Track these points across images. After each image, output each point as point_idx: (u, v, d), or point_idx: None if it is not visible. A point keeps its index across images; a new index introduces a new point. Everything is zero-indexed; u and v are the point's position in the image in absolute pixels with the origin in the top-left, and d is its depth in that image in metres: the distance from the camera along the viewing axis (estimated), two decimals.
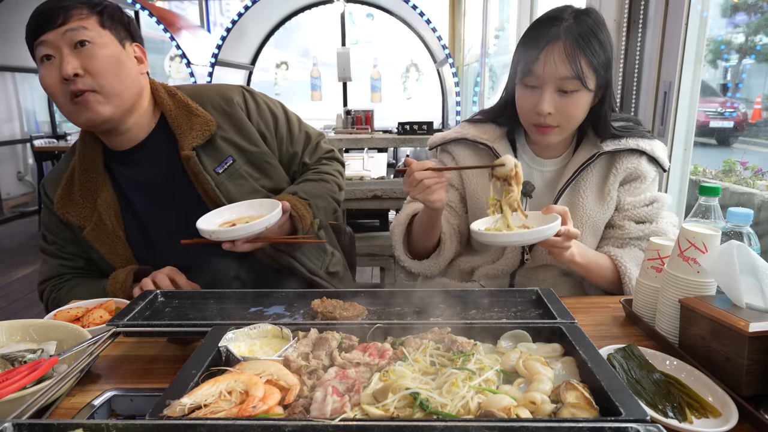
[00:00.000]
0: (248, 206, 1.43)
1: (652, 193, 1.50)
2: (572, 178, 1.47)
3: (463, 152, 1.59)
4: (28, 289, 4.65)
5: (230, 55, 6.78)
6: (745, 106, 3.42)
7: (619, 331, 1.21)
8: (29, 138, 7.73)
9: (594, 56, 1.32)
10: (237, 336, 0.98)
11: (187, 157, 1.44)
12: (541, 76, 1.34)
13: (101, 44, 1.32)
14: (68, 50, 1.29)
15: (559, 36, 1.32)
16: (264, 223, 1.32)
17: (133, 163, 1.48)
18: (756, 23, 2.84)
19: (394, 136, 5.26)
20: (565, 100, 1.35)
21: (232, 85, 1.61)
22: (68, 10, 1.30)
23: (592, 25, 1.33)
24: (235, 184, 1.49)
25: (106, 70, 1.32)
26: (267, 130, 1.59)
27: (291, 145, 1.64)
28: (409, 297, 1.19)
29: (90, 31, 1.31)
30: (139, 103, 1.43)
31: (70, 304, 1.33)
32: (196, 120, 1.46)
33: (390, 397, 0.78)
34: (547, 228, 1.21)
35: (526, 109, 1.41)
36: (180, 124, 1.46)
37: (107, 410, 0.89)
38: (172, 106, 1.48)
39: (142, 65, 1.44)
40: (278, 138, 1.61)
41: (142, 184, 1.49)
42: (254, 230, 1.31)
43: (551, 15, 1.37)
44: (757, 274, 0.97)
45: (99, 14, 1.34)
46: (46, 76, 1.32)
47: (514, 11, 4.40)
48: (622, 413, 0.71)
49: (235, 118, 1.53)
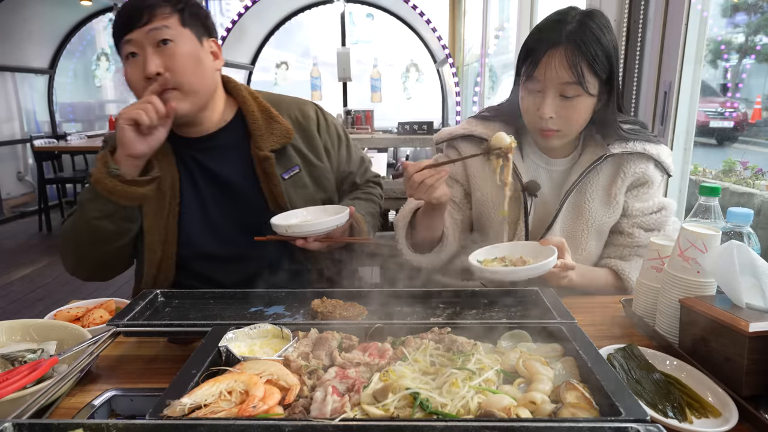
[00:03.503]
0: (315, 211, 1.52)
1: (660, 200, 1.50)
2: (579, 180, 1.47)
3: (470, 149, 1.59)
4: (28, 289, 4.65)
5: (230, 55, 6.78)
6: (745, 106, 3.42)
7: (619, 331, 1.21)
8: (29, 138, 7.71)
9: (596, 61, 1.31)
10: (237, 336, 0.98)
11: (265, 158, 1.48)
12: (542, 81, 1.34)
13: (182, 42, 1.35)
14: (152, 49, 1.32)
15: (561, 41, 1.31)
16: (335, 221, 1.40)
17: (202, 150, 1.51)
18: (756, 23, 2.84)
19: (394, 136, 5.27)
20: (567, 105, 1.35)
21: (308, 101, 1.70)
22: (153, 9, 1.33)
23: (596, 29, 1.32)
24: (297, 192, 1.54)
25: (185, 68, 1.35)
26: (332, 147, 1.67)
27: (348, 165, 1.73)
28: (409, 297, 1.19)
29: (172, 30, 1.34)
30: (214, 98, 1.47)
31: (70, 304, 1.33)
32: (276, 126, 1.52)
33: (390, 397, 0.78)
34: (543, 264, 1.23)
35: (528, 113, 1.42)
36: (260, 125, 1.51)
37: (107, 410, 0.89)
38: (255, 108, 1.53)
39: (218, 60, 1.47)
40: (339, 156, 1.70)
41: (206, 169, 1.52)
42: (326, 227, 1.39)
43: (555, 18, 1.36)
44: (757, 274, 0.97)
45: (180, 12, 1.37)
46: (131, 73, 1.36)
47: (514, 11, 4.40)
48: (622, 413, 0.71)
49: (308, 131, 1.61)
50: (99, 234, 1.36)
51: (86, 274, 1.49)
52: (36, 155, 6.30)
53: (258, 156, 1.49)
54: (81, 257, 1.43)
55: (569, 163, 1.53)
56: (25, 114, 7.95)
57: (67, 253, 1.45)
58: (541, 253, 1.31)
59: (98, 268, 1.47)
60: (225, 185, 1.52)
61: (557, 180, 1.54)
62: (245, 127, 1.52)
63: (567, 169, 1.53)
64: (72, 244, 1.42)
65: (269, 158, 1.48)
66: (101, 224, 1.35)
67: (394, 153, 7.01)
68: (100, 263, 1.45)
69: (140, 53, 1.33)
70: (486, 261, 1.35)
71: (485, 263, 1.33)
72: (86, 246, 1.40)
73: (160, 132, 1.33)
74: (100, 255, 1.42)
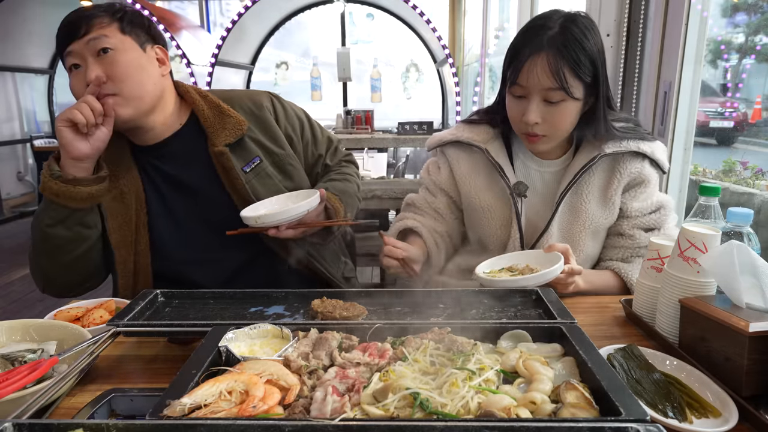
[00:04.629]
0: (285, 198, 1.50)
1: (658, 198, 1.50)
2: (573, 181, 1.47)
3: (456, 154, 1.60)
4: (28, 289, 4.65)
5: (230, 55, 6.78)
6: (745, 106, 3.42)
7: (619, 331, 1.21)
8: (29, 138, 7.74)
9: (579, 66, 1.31)
10: (237, 336, 0.98)
11: (220, 153, 1.48)
12: (526, 87, 1.34)
13: (122, 50, 1.36)
14: (92, 59, 1.34)
15: (542, 47, 1.31)
16: (306, 206, 1.37)
17: (161, 157, 1.51)
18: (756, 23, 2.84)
19: (394, 136, 5.27)
20: (551, 110, 1.35)
21: (261, 91, 1.69)
22: (90, 19, 1.35)
23: (578, 33, 1.31)
24: (261, 183, 1.53)
25: (126, 74, 1.35)
26: (294, 133, 1.66)
27: (315, 148, 1.72)
28: (409, 297, 1.19)
29: (111, 38, 1.35)
30: (162, 104, 1.46)
31: (70, 304, 1.33)
32: (228, 120, 1.52)
33: (390, 397, 0.78)
34: (551, 271, 1.25)
35: (514, 118, 1.42)
36: (212, 122, 1.51)
37: (107, 410, 0.89)
38: (204, 106, 1.53)
39: (164, 66, 1.48)
40: (304, 141, 1.69)
41: (168, 176, 1.52)
42: (297, 213, 1.36)
43: (537, 23, 1.36)
44: (757, 274, 0.97)
45: (119, 21, 1.38)
46: (74, 84, 1.37)
47: (514, 11, 4.40)
48: (622, 413, 0.71)
49: (264, 121, 1.60)
50: (53, 242, 1.35)
51: (55, 289, 1.47)
52: (36, 155, 6.32)
53: (214, 152, 1.48)
54: (44, 272, 1.42)
55: (562, 164, 1.53)
56: (25, 114, 7.95)
57: (34, 269, 1.44)
58: (546, 259, 1.32)
59: (65, 283, 1.45)
60: (188, 188, 1.52)
61: (550, 181, 1.54)
62: (200, 128, 1.52)
63: (560, 170, 1.53)
64: (34, 259, 1.42)
65: (224, 153, 1.48)
66: (56, 232, 1.34)
67: (394, 153, 7.00)
68: (64, 276, 1.43)
69: (82, 64, 1.34)
70: (493, 272, 1.37)
71: (492, 274, 1.35)
72: (45, 257, 1.39)
73: (102, 132, 1.32)
74: (61, 267, 1.40)
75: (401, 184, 3.43)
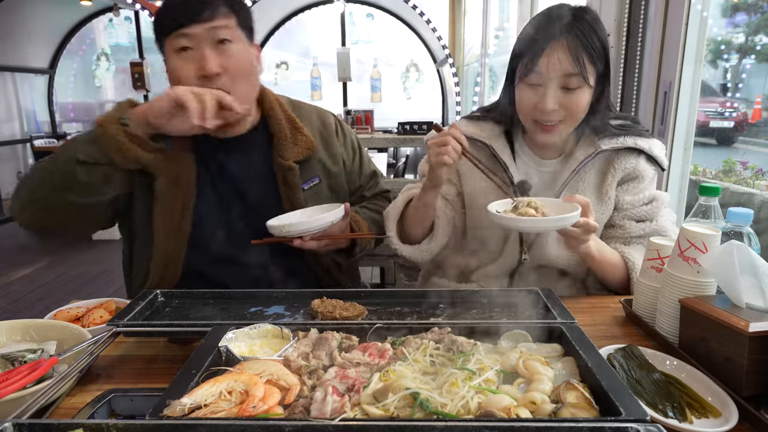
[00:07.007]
0: (311, 212, 1.51)
1: (651, 192, 1.50)
2: (570, 178, 1.47)
3: None
4: (28, 289, 4.65)
5: None
6: (745, 106, 3.42)
7: (619, 331, 1.21)
8: (29, 138, 7.74)
9: (595, 52, 1.33)
10: (237, 336, 0.98)
11: (288, 168, 1.49)
12: (544, 74, 1.34)
13: (240, 45, 1.34)
14: (211, 47, 1.30)
15: (561, 33, 1.32)
16: (330, 217, 1.39)
17: (227, 152, 1.50)
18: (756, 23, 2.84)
19: (394, 136, 5.26)
20: (568, 97, 1.35)
21: (326, 110, 1.70)
22: (215, 6, 1.31)
23: (591, 21, 1.35)
24: (316, 202, 1.55)
25: (241, 71, 1.34)
26: (347, 158, 1.68)
27: (359, 178, 1.74)
28: (409, 297, 1.19)
29: (231, 30, 1.32)
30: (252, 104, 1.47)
31: (70, 304, 1.33)
32: (300, 138, 1.52)
33: (390, 397, 0.78)
34: (567, 217, 1.19)
35: (528, 108, 1.41)
36: (285, 135, 1.51)
37: (107, 410, 0.89)
38: (282, 117, 1.53)
39: (260, 66, 1.48)
40: (353, 169, 1.71)
41: (227, 173, 1.50)
42: (322, 224, 1.38)
43: (549, 14, 1.37)
44: (757, 274, 0.97)
45: (237, 14, 1.36)
46: (182, 67, 1.31)
47: (514, 11, 4.40)
48: (622, 413, 0.71)
49: (329, 141, 1.62)
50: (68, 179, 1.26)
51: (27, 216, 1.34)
52: (36, 155, 6.31)
53: (281, 165, 1.48)
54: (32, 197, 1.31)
55: (560, 164, 1.53)
56: (26, 114, 7.96)
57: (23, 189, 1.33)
58: (563, 209, 1.26)
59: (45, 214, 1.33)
60: (243, 191, 1.50)
61: (548, 181, 1.54)
62: (269, 133, 1.51)
63: (558, 169, 1.53)
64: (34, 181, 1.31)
65: (293, 169, 1.48)
66: (78, 170, 1.25)
67: (394, 153, 7.01)
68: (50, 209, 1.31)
69: (196, 48, 1.29)
70: (506, 211, 1.32)
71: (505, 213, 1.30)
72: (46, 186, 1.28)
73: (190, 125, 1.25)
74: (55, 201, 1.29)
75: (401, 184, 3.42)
